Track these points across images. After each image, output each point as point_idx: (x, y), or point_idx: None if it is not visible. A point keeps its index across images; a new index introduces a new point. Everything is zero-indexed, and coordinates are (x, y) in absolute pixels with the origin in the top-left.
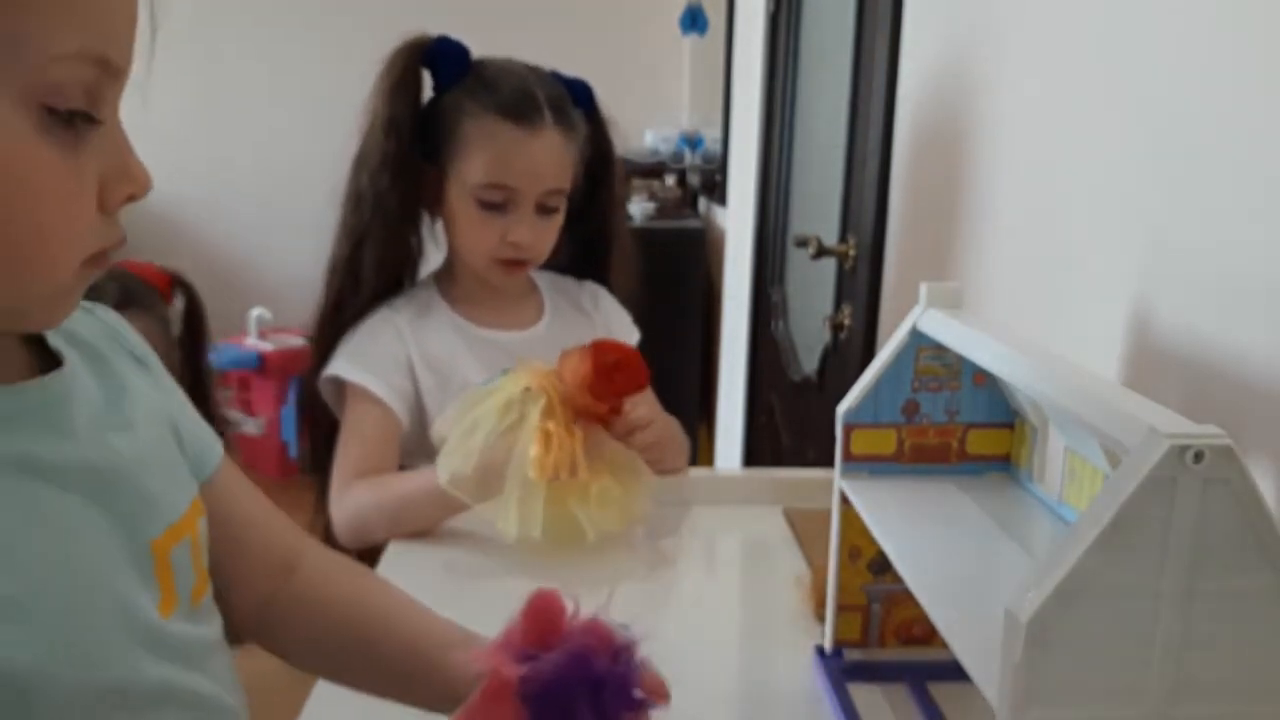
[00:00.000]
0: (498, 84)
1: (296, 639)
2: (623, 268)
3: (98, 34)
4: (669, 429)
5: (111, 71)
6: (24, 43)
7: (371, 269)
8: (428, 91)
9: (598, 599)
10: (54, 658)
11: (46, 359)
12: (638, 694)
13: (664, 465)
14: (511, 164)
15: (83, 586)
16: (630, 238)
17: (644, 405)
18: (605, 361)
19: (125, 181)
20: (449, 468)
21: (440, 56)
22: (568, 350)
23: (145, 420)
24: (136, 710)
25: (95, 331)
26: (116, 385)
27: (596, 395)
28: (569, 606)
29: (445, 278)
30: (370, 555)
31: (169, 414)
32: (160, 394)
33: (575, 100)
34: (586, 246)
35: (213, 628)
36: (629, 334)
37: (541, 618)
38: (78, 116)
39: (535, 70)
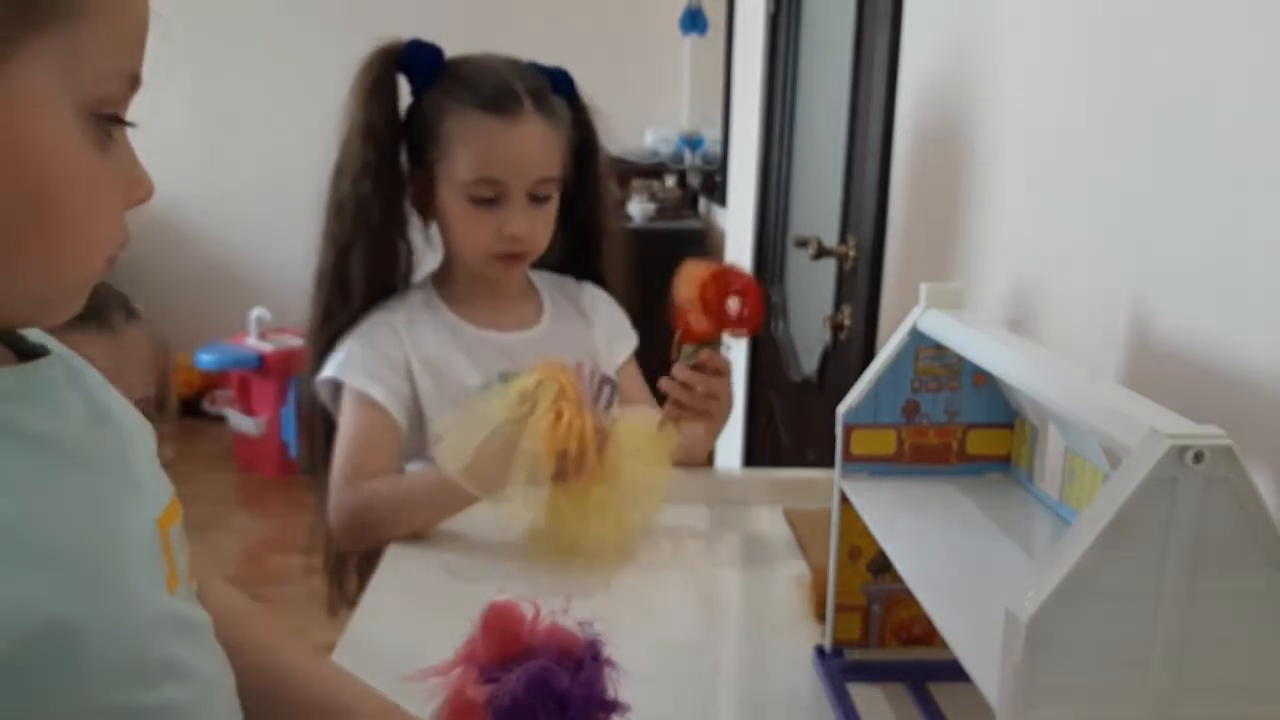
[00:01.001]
0: (475, 79)
1: None
2: (615, 259)
3: (133, 52)
4: (730, 396)
5: (136, 85)
6: (83, 58)
7: (359, 277)
8: (406, 98)
9: (561, 600)
10: (89, 615)
11: (17, 357)
12: (608, 696)
13: (701, 437)
14: (497, 156)
15: (109, 554)
16: (621, 228)
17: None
18: (727, 280)
19: (136, 186)
20: (459, 459)
21: (413, 59)
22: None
23: (121, 415)
24: (152, 684)
25: (58, 345)
26: (87, 383)
27: (706, 300)
28: (527, 614)
29: (442, 279)
30: (370, 557)
31: (137, 416)
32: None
33: (555, 88)
34: (578, 239)
35: (202, 609)
36: (627, 338)
37: (500, 630)
38: (113, 124)
39: (512, 62)
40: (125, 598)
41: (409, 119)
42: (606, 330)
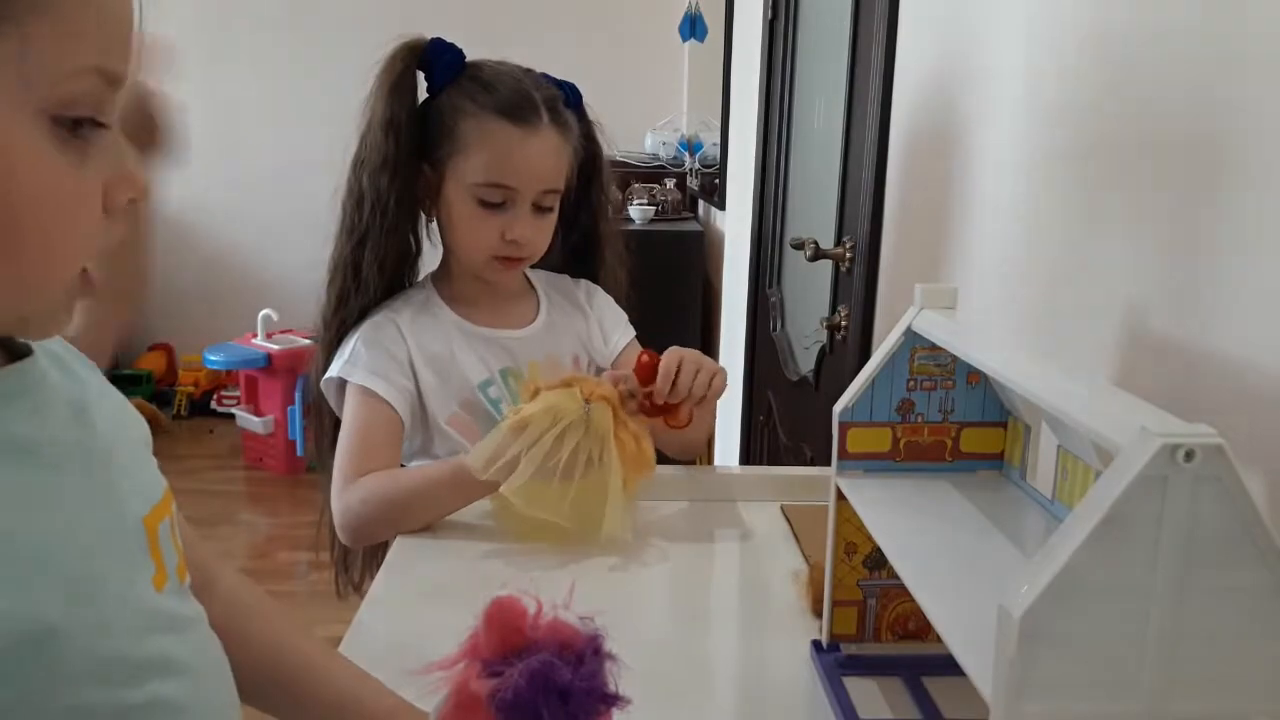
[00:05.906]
0: (495, 84)
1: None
2: (614, 269)
3: (105, 48)
4: (709, 372)
5: (115, 82)
6: (39, 61)
7: (372, 267)
8: (421, 93)
9: (563, 595)
10: (69, 618)
11: (7, 355)
12: (609, 690)
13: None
14: (510, 163)
15: (87, 556)
16: (621, 240)
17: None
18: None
19: (126, 185)
20: (517, 482)
21: (435, 57)
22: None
23: (110, 411)
24: (137, 681)
25: (52, 340)
26: (77, 380)
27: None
28: (530, 609)
29: (442, 278)
30: (374, 544)
31: (130, 409)
32: (114, 394)
33: (565, 101)
34: (578, 249)
35: (196, 605)
36: (624, 330)
37: (503, 625)
38: (86, 125)
39: (529, 72)
40: (101, 602)
41: (424, 114)
42: (602, 321)
